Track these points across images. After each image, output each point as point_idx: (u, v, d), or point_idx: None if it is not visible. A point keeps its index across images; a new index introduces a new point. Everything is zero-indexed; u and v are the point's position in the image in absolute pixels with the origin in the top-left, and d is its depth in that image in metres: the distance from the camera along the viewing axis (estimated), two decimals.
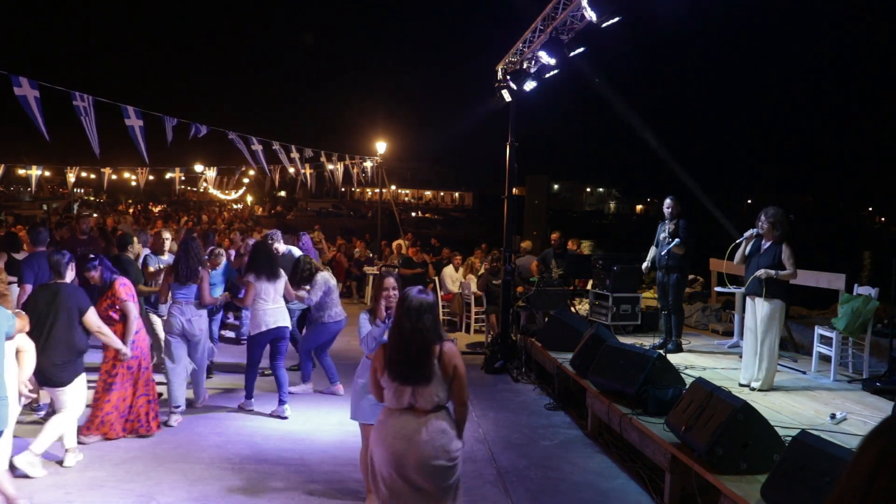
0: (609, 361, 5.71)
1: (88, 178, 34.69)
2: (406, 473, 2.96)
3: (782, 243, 5.84)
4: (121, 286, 5.34)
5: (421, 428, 2.98)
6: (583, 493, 4.71)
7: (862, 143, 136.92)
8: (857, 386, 6.21)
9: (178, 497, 4.39)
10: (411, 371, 3.01)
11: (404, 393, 3.01)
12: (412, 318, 3.05)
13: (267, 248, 6.45)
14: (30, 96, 6.94)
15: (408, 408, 3.02)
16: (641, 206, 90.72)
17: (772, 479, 3.58)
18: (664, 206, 7.42)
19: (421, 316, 3.05)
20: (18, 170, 19.86)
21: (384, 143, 19.85)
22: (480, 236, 19.51)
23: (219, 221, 25.32)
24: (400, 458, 2.96)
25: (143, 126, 8.80)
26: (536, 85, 8.67)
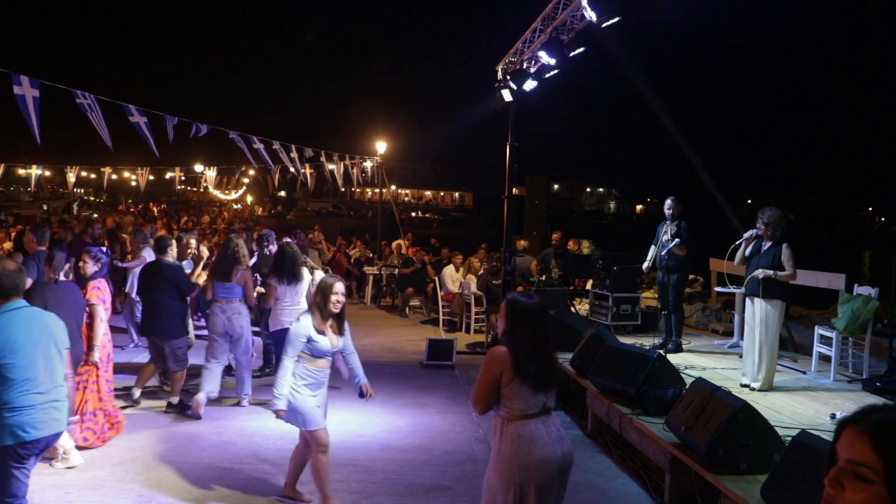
0: (609, 361, 5.71)
1: (88, 178, 34.70)
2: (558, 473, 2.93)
3: (782, 244, 5.84)
4: (93, 288, 5.31)
5: (558, 425, 3.00)
6: (583, 493, 4.71)
7: (862, 143, 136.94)
8: (857, 386, 6.21)
9: (178, 497, 4.39)
10: (551, 376, 2.99)
11: (538, 396, 2.93)
12: (542, 323, 3.00)
13: (291, 252, 6.50)
14: (28, 96, 6.92)
15: (543, 409, 2.95)
16: (641, 206, 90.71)
17: (772, 479, 3.58)
18: (665, 207, 7.40)
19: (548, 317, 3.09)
20: (18, 170, 19.86)
21: (384, 143, 19.85)
22: (480, 236, 19.50)
23: (219, 221, 25.34)
24: (559, 459, 2.91)
25: (148, 122, 8.82)
26: (536, 85, 8.67)
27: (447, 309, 11.23)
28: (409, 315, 12.15)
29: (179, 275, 6.36)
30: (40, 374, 3.27)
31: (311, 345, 4.02)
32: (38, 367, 3.26)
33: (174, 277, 6.25)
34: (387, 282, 13.63)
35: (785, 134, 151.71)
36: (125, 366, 7.64)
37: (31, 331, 3.28)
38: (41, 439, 3.27)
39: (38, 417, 3.24)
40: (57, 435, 3.38)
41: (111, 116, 8.25)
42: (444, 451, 5.45)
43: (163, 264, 6.31)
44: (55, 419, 3.34)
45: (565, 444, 2.96)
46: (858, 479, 1.08)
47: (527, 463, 2.84)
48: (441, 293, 11.21)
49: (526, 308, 3.01)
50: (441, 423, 6.17)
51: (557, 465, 2.90)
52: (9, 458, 3.19)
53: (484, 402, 2.96)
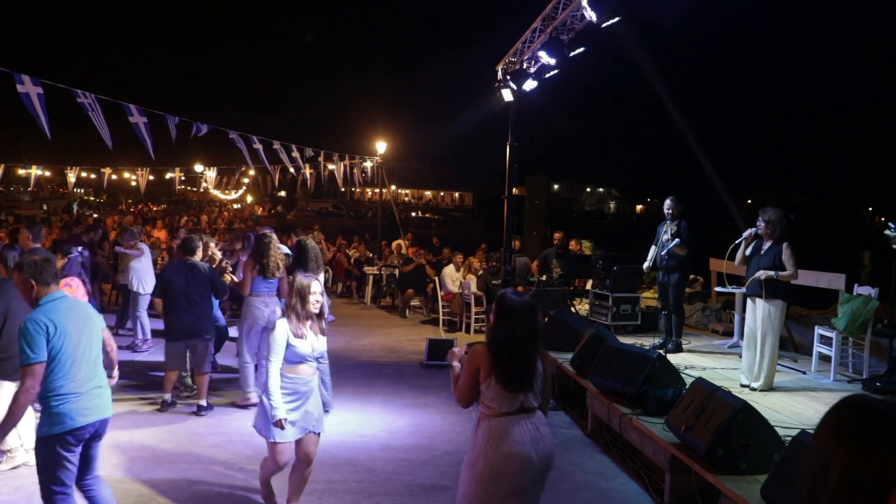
0: (609, 361, 5.71)
1: (88, 178, 34.71)
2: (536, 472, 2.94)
3: (783, 243, 5.84)
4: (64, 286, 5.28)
5: (539, 425, 2.97)
6: (583, 493, 4.71)
7: (862, 143, 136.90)
8: (857, 386, 6.21)
9: (178, 497, 4.39)
10: (528, 377, 2.96)
11: (513, 395, 2.94)
12: (525, 324, 2.97)
13: (311, 245, 6.56)
14: (32, 93, 6.95)
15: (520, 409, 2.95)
16: (641, 206, 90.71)
17: (772, 479, 3.58)
18: (665, 207, 7.40)
19: (535, 318, 3.01)
20: (18, 170, 19.87)
21: (384, 143, 19.86)
22: (480, 236, 19.51)
23: (219, 221, 25.35)
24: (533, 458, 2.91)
25: (147, 122, 8.82)
26: (536, 85, 8.67)
27: (447, 309, 11.23)
28: (408, 315, 12.15)
29: (216, 277, 6.39)
30: (83, 361, 3.35)
31: (288, 350, 3.88)
32: (81, 355, 3.33)
33: (213, 279, 6.29)
34: (387, 282, 13.63)
35: (785, 134, 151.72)
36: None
37: (77, 318, 3.37)
38: (88, 425, 3.32)
39: (85, 404, 3.30)
40: (104, 421, 3.44)
41: (112, 116, 8.27)
42: (444, 451, 5.45)
43: (199, 265, 6.30)
44: (100, 405, 3.41)
45: (543, 444, 2.95)
46: None
47: (494, 459, 2.88)
48: (441, 293, 11.21)
49: (511, 307, 3.03)
50: (441, 423, 6.17)
51: (530, 464, 2.89)
52: (58, 446, 3.23)
53: (465, 398, 3.06)
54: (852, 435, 1.13)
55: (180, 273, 6.21)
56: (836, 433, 1.16)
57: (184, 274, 6.20)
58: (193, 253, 6.34)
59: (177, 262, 6.43)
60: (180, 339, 6.19)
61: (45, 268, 3.37)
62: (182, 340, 6.21)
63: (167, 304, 6.22)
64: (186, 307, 6.16)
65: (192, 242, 6.42)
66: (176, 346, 6.21)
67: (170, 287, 6.18)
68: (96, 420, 3.36)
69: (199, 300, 6.21)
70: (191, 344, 6.23)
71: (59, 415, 3.21)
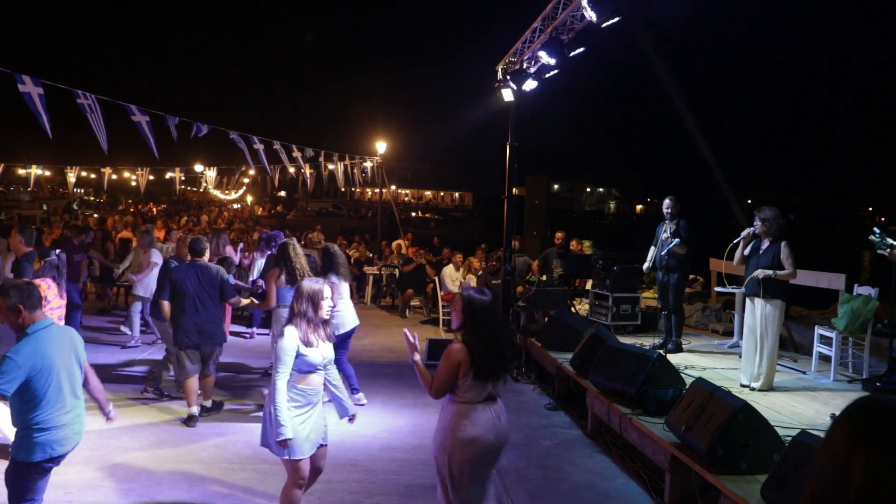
0: (609, 361, 5.71)
1: (88, 178, 34.69)
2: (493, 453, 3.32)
3: (781, 242, 5.84)
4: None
5: (500, 413, 3.37)
6: (583, 493, 4.71)
7: (862, 143, 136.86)
8: (857, 386, 6.21)
9: (178, 497, 4.39)
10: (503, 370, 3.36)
11: (486, 386, 3.29)
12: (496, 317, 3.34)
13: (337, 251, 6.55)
14: (33, 93, 6.96)
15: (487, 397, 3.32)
16: (641, 206, 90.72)
17: (772, 479, 3.58)
18: (664, 207, 7.41)
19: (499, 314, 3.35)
20: (18, 170, 19.86)
21: (384, 143, 19.86)
22: (480, 236, 19.51)
23: (219, 222, 25.34)
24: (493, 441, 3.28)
25: (150, 121, 8.83)
26: (536, 85, 8.67)
27: (447, 309, 11.23)
28: (408, 315, 12.15)
29: (225, 279, 6.13)
30: (67, 392, 3.30)
31: (299, 360, 3.63)
32: (65, 385, 3.28)
33: (222, 281, 6.05)
34: (387, 282, 13.63)
35: (785, 134, 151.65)
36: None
37: (61, 349, 3.30)
38: (66, 453, 3.35)
39: (65, 434, 3.29)
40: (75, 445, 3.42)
41: (112, 116, 8.27)
42: None
43: (210, 267, 6.08)
44: (77, 432, 3.39)
45: (501, 427, 3.33)
46: None
47: (460, 439, 3.23)
48: (441, 293, 11.21)
49: (483, 307, 3.31)
50: None
51: (491, 446, 3.27)
52: (35, 471, 3.25)
53: (442, 393, 3.36)
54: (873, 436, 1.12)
55: (190, 275, 5.96)
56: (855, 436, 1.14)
57: (194, 276, 5.96)
58: (202, 254, 6.15)
59: (186, 263, 6.19)
60: (192, 344, 5.90)
61: (32, 293, 3.28)
62: (194, 345, 5.92)
63: (177, 307, 5.94)
64: (198, 310, 5.91)
65: (201, 243, 6.21)
66: (188, 352, 5.91)
67: (180, 290, 5.91)
68: (72, 447, 3.37)
69: (212, 303, 5.98)
70: (202, 348, 5.97)
71: (41, 444, 3.19)
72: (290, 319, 3.72)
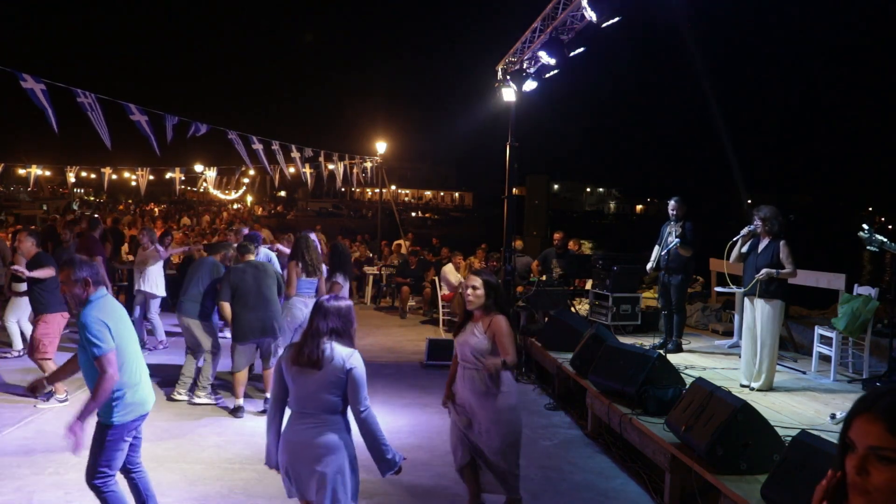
0: (609, 361, 5.71)
1: (88, 178, 34.69)
2: None
3: (780, 241, 5.83)
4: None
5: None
6: (583, 493, 4.71)
7: (862, 143, 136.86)
8: (857, 386, 6.21)
9: (178, 497, 4.39)
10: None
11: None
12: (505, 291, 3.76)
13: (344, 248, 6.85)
14: (36, 89, 6.99)
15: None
16: (641, 206, 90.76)
17: (772, 479, 3.58)
18: (669, 208, 7.38)
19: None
20: (18, 170, 19.87)
21: (384, 143, 19.85)
22: (480, 236, 19.51)
23: (218, 222, 25.33)
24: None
25: (149, 120, 8.84)
26: (536, 85, 8.67)
27: (447, 309, 11.23)
28: (408, 315, 12.15)
29: (281, 276, 6.51)
30: (137, 353, 3.58)
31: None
32: (135, 346, 3.57)
33: (279, 277, 6.39)
34: (387, 282, 13.63)
35: (785, 134, 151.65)
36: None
37: (123, 314, 3.56)
38: (149, 411, 3.62)
39: (147, 391, 3.59)
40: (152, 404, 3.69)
41: (111, 116, 8.27)
42: (444, 451, 5.43)
43: (266, 265, 6.42)
44: (151, 394, 3.66)
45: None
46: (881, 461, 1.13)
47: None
48: (441, 293, 11.20)
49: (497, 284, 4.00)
50: (441, 423, 6.16)
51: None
52: (127, 432, 3.48)
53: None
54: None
55: (248, 273, 6.23)
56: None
57: (251, 274, 6.23)
58: (251, 253, 6.47)
59: (242, 263, 6.41)
60: (252, 338, 6.16)
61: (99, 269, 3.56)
62: (253, 340, 6.19)
63: (237, 304, 6.14)
64: (259, 306, 6.16)
65: (249, 244, 6.57)
66: (246, 347, 6.18)
67: (240, 288, 6.14)
68: (151, 406, 3.64)
69: (272, 298, 6.26)
70: (262, 343, 6.27)
71: (133, 403, 3.46)
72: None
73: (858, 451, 1.16)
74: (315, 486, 2.96)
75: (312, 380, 2.97)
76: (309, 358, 2.97)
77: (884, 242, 5.43)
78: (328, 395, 2.98)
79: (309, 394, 2.99)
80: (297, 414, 3.02)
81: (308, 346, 3.01)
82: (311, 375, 2.97)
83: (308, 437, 2.96)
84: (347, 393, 3.01)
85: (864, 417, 1.17)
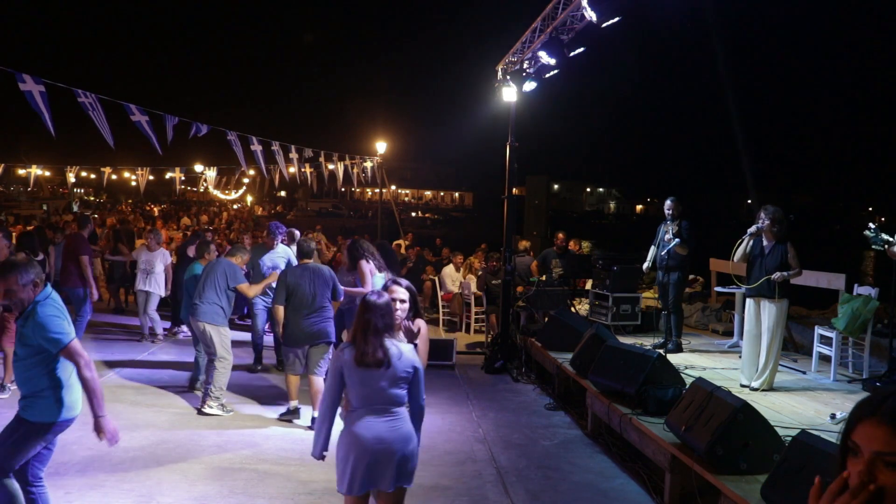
0: (609, 361, 5.71)
1: (88, 178, 34.71)
2: None
3: (786, 243, 5.86)
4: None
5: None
6: (583, 493, 4.71)
7: (862, 143, 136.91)
8: (857, 386, 6.21)
9: (178, 497, 4.39)
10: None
11: None
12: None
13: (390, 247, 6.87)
14: (35, 91, 6.94)
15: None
16: (641, 206, 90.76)
17: (772, 479, 3.58)
18: (665, 208, 7.41)
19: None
20: (18, 170, 19.87)
21: (384, 143, 19.86)
22: (480, 236, 19.50)
23: (217, 222, 25.32)
24: None
25: (150, 120, 8.84)
26: (536, 85, 8.66)
27: (447, 309, 11.23)
28: None
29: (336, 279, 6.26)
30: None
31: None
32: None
33: (334, 282, 6.18)
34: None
35: (785, 134, 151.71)
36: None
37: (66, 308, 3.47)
38: (74, 418, 3.44)
39: (78, 395, 3.44)
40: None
41: (112, 116, 8.26)
42: (444, 451, 5.44)
43: (322, 268, 6.17)
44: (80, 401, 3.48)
45: None
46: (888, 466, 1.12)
47: None
48: (441, 293, 11.21)
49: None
50: (441, 423, 6.17)
51: None
52: (49, 433, 3.34)
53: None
54: None
55: (305, 277, 6.03)
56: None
57: (308, 277, 6.03)
58: (311, 256, 6.27)
59: (299, 266, 6.24)
60: (303, 343, 5.98)
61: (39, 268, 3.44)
62: (303, 345, 6.00)
63: (291, 308, 5.99)
64: (312, 311, 5.98)
65: (309, 245, 6.35)
66: (296, 351, 6.01)
67: (296, 292, 5.98)
68: (77, 414, 3.46)
69: (325, 303, 6.07)
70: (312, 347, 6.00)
71: (67, 405, 3.34)
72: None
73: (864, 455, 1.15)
74: (395, 473, 3.09)
75: (380, 377, 3.08)
76: (375, 358, 3.06)
77: (888, 240, 5.43)
78: (396, 390, 3.12)
79: (377, 391, 3.09)
80: (366, 410, 3.11)
81: (371, 346, 3.08)
82: (378, 373, 3.08)
83: (383, 430, 3.08)
84: (411, 385, 3.18)
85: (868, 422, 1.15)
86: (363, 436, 3.08)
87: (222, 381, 6.21)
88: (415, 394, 3.23)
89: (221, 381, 6.21)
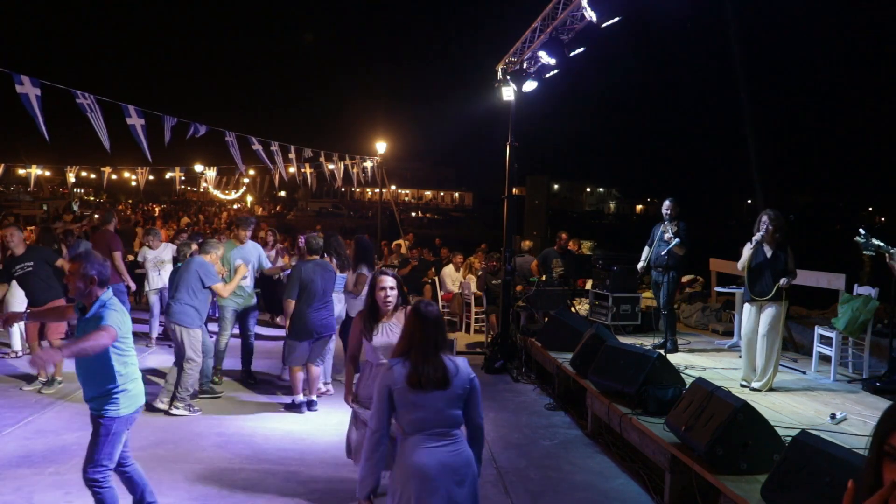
0: (609, 361, 5.71)
1: (88, 178, 34.70)
2: None
3: (787, 247, 5.88)
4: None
5: None
6: (583, 493, 4.71)
7: (862, 143, 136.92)
8: (857, 386, 6.21)
9: (178, 497, 4.39)
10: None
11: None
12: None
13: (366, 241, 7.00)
14: (31, 94, 6.93)
15: None
16: (641, 206, 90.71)
17: (772, 479, 3.58)
18: (663, 208, 7.44)
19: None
20: (18, 170, 19.87)
21: (384, 143, 19.85)
22: (480, 236, 19.50)
23: (216, 221, 25.32)
24: None
25: (145, 125, 8.82)
26: (536, 85, 8.66)
27: (447, 309, 11.23)
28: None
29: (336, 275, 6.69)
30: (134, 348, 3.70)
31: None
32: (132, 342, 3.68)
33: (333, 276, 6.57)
34: None
35: (785, 134, 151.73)
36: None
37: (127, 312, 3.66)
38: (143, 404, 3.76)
39: (142, 385, 3.71)
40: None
41: (111, 117, 8.26)
42: None
43: (329, 265, 6.51)
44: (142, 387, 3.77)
45: None
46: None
47: None
48: (441, 293, 11.21)
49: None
50: None
51: None
52: (127, 425, 3.60)
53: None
54: None
55: (317, 273, 6.29)
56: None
57: (319, 273, 6.30)
58: (319, 252, 6.50)
59: (311, 262, 6.37)
60: (310, 336, 6.24)
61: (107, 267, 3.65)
62: (311, 338, 6.26)
63: (302, 302, 6.20)
64: (322, 306, 6.28)
65: (317, 242, 6.58)
66: (303, 344, 6.24)
67: (309, 287, 6.20)
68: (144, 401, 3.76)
69: (331, 298, 6.44)
70: (317, 340, 6.32)
71: (136, 395, 3.62)
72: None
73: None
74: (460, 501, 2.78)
75: (437, 398, 2.76)
76: (435, 379, 2.75)
77: (880, 246, 5.44)
78: (455, 411, 2.81)
79: (436, 413, 2.76)
80: (425, 437, 2.75)
81: (430, 366, 2.77)
82: (436, 394, 2.75)
83: (446, 456, 2.74)
84: (468, 403, 2.85)
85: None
86: (423, 464, 2.70)
87: (189, 382, 6.13)
88: (472, 412, 2.87)
89: (188, 383, 6.13)
